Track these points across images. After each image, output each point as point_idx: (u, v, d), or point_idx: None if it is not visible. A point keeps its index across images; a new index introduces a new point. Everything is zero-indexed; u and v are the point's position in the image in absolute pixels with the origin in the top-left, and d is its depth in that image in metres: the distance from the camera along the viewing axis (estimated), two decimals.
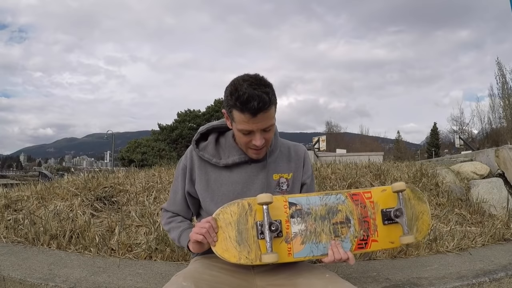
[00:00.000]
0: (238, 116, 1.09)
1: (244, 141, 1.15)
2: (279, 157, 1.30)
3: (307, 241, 1.14)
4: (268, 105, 1.07)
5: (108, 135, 29.35)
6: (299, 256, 1.12)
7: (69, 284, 1.52)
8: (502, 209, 2.98)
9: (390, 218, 1.19)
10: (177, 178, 1.33)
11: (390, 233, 1.19)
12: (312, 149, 15.98)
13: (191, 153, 1.30)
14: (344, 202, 1.20)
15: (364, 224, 1.19)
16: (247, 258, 1.09)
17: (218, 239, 1.11)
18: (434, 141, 37.41)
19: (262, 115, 1.08)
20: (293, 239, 1.13)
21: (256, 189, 1.23)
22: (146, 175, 3.18)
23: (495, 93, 29.50)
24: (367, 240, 1.18)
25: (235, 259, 1.09)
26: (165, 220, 1.35)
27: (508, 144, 4.01)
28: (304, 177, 1.32)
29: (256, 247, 1.10)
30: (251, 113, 1.06)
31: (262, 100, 1.05)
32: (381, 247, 1.20)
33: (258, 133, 1.11)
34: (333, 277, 1.14)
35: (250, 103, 1.04)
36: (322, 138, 23.13)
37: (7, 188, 3.15)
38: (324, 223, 1.16)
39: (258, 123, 1.09)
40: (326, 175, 3.22)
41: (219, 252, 1.10)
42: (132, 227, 2.29)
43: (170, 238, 1.32)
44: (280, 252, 1.10)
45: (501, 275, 1.71)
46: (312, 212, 1.16)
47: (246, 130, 1.11)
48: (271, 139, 1.19)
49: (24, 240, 2.12)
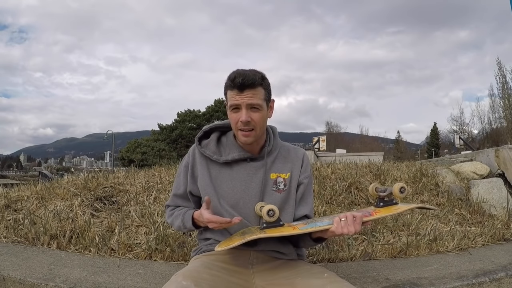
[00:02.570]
0: (229, 93, 1.22)
1: (234, 120, 1.23)
2: (278, 157, 1.33)
3: (310, 222, 1.20)
4: (254, 82, 1.19)
5: (108, 135, 29.35)
6: (305, 228, 1.13)
7: (69, 284, 1.52)
8: (502, 209, 2.98)
9: (383, 200, 1.25)
10: (179, 175, 1.38)
11: (391, 208, 1.24)
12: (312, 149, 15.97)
13: (193, 150, 1.35)
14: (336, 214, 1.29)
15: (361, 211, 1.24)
16: (251, 235, 1.10)
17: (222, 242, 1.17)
18: (434, 141, 37.41)
19: (249, 91, 1.19)
20: (296, 224, 1.19)
21: (254, 187, 1.26)
22: (146, 175, 3.18)
23: (495, 93, 29.52)
24: (371, 213, 1.20)
25: (240, 239, 1.10)
26: (167, 214, 1.38)
27: (508, 144, 4.00)
28: (301, 177, 1.34)
29: (259, 231, 1.14)
30: (238, 87, 1.18)
31: (248, 77, 1.18)
32: (387, 213, 1.22)
33: (244, 108, 1.20)
34: (332, 277, 1.14)
35: (237, 79, 1.18)
36: (322, 138, 23.11)
37: (7, 188, 3.15)
38: (323, 217, 1.24)
39: (244, 97, 1.19)
40: (326, 175, 3.21)
41: (223, 246, 1.12)
42: (132, 227, 2.29)
43: (175, 227, 1.33)
44: (284, 229, 1.14)
45: (501, 275, 1.71)
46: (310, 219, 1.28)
47: (232, 105, 1.21)
48: (258, 123, 1.23)
49: (24, 240, 2.12)
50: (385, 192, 1.24)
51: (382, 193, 1.25)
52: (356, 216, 1.10)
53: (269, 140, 1.33)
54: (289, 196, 1.30)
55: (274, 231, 1.12)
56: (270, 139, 1.33)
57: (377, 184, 1.31)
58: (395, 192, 1.22)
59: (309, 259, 1.94)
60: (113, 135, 28.57)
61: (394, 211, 1.22)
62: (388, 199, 1.25)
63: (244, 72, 1.20)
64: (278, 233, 1.10)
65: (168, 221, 1.38)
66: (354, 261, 1.97)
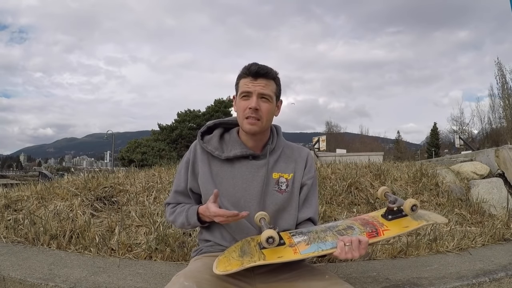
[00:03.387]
0: (242, 81, 1.24)
1: (242, 107, 1.23)
2: (281, 157, 1.31)
3: (313, 242, 1.12)
4: (268, 73, 1.23)
5: (108, 135, 29.34)
6: (307, 252, 1.08)
7: (69, 284, 1.52)
8: (502, 209, 2.98)
9: (391, 212, 1.18)
10: (180, 172, 1.36)
11: (400, 223, 1.17)
12: (312, 149, 15.96)
13: (195, 146, 1.34)
14: (341, 222, 1.23)
15: (368, 225, 1.17)
16: (249, 261, 1.07)
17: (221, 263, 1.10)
18: (434, 141, 37.39)
19: (262, 81, 1.22)
20: (297, 244, 1.12)
21: (256, 185, 1.24)
22: (146, 175, 3.18)
23: (495, 93, 29.49)
24: (377, 231, 1.14)
25: (238, 265, 1.06)
26: (168, 212, 1.35)
27: (508, 144, 4.00)
28: (305, 178, 1.31)
29: (259, 253, 1.09)
30: (253, 75, 1.22)
31: (263, 67, 1.22)
32: (395, 233, 1.15)
33: (255, 96, 1.21)
34: (333, 278, 1.14)
35: (253, 67, 1.22)
36: (322, 138, 23.10)
37: (7, 188, 3.14)
38: (326, 232, 1.16)
39: (257, 85, 1.22)
40: (326, 175, 3.21)
41: (221, 269, 1.06)
42: (132, 227, 2.29)
43: (178, 225, 1.29)
44: (285, 253, 1.08)
45: (501, 275, 1.71)
46: (313, 231, 1.18)
47: (244, 92, 1.23)
48: (266, 114, 1.23)
49: (24, 240, 2.12)
50: (395, 204, 1.17)
51: (391, 204, 1.18)
52: (362, 241, 1.04)
53: (272, 138, 1.32)
54: (291, 198, 1.27)
55: (274, 254, 1.07)
56: (273, 137, 1.32)
57: (388, 189, 1.24)
58: (406, 209, 1.14)
59: (309, 259, 1.94)
60: (113, 135, 28.55)
61: (403, 230, 1.15)
62: (396, 209, 1.18)
63: (260, 64, 1.24)
64: (278, 259, 1.06)
65: (170, 219, 1.33)
66: (354, 261, 1.97)
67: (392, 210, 1.18)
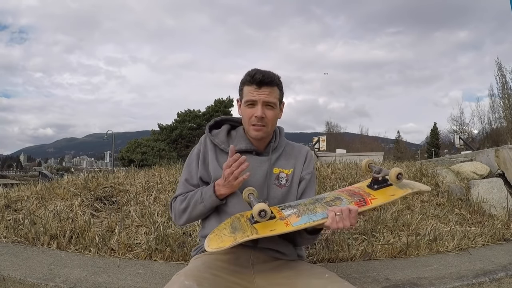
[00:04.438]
0: (247, 89, 1.27)
1: (248, 115, 1.27)
2: (283, 154, 1.37)
3: (303, 214, 1.13)
4: (272, 81, 1.26)
5: (108, 135, 29.35)
6: (298, 224, 1.08)
7: (69, 284, 1.52)
8: (502, 209, 2.98)
9: (377, 182, 1.21)
10: (190, 164, 1.37)
11: (386, 191, 1.19)
12: (312, 149, 15.97)
13: (205, 139, 1.38)
14: (328, 194, 1.26)
15: (355, 196, 1.19)
16: (242, 236, 1.06)
17: (212, 241, 1.09)
18: (434, 141, 37.40)
19: (266, 88, 1.25)
20: (288, 217, 1.13)
21: (258, 179, 1.29)
22: (146, 175, 3.18)
23: (495, 93, 29.50)
24: (365, 200, 1.16)
25: (231, 241, 1.05)
26: (178, 203, 1.31)
27: (508, 144, 4.00)
28: (304, 173, 1.36)
29: (251, 228, 1.08)
30: (257, 83, 1.24)
31: (267, 75, 1.25)
32: (383, 201, 1.17)
33: (260, 104, 1.25)
34: (333, 277, 1.14)
35: (257, 75, 1.24)
36: (322, 138, 23.11)
37: (7, 188, 3.14)
38: (315, 204, 1.18)
39: (262, 94, 1.25)
40: (326, 175, 3.22)
41: (214, 246, 1.05)
42: (132, 227, 2.29)
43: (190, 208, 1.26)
44: (277, 225, 1.08)
45: (501, 275, 1.71)
46: (301, 203, 1.20)
47: (249, 100, 1.26)
48: (271, 121, 1.28)
49: (24, 240, 2.12)
50: (380, 174, 1.20)
51: (376, 174, 1.20)
52: (352, 209, 1.07)
53: (275, 138, 1.38)
54: (290, 192, 1.32)
55: (265, 227, 1.07)
56: (276, 137, 1.38)
57: (371, 160, 1.28)
58: (391, 177, 1.16)
59: (309, 259, 1.94)
60: (113, 135, 28.56)
61: (390, 198, 1.17)
62: (381, 179, 1.20)
63: (264, 70, 1.27)
64: (270, 232, 1.07)
65: (181, 208, 1.28)
66: (354, 261, 1.97)
67: (377, 180, 1.21)
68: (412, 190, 1.20)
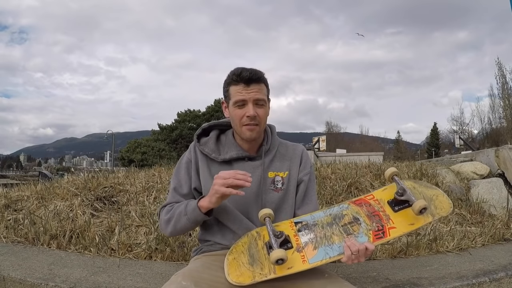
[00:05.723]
0: (234, 89, 1.22)
1: (239, 116, 1.22)
2: (276, 156, 1.32)
3: (319, 245, 1.11)
4: (259, 78, 1.22)
5: (108, 135, 29.34)
6: (315, 261, 1.08)
7: (69, 284, 1.52)
8: (502, 209, 2.98)
9: (398, 202, 1.15)
10: (178, 173, 1.32)
11: (407, 217, 1.14)
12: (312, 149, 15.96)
13: (194, 147, 1.33)
14: (347, 207, 1.20)
15: (374, 218, 1.15)
16: (261, 274, 1.07)
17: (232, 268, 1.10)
18: (434, 141, 37.40)
19: (255, 86, 1.21)
20: (305, 247, 1.11)
21: (253, 186, 1.24)
22: (146, 175, 3.18)
23: (495, 93, 29.50)
24: (383, 229, 1.12)
25: (250, 279, 1.06)
26: (163, 214, 1.27)
27: (508, 144, 4.00)
28: (301, 174, 1.33)
29: (269, 263, 1.08)
30: (245, 82, 1.20)
31: (254, 72, 1.21)
32: (402, 232, 1.13)
33: (251, 103, 1.21)
34: (332, 277, 1.14)
35: (244, 73, 1.20)
36: (322, 138, 23.11)
37: (7, 188, 3.15)
38: (332, 227, 1.15)
39: (251, 92, 1.20)
40: (326, 175, 3.21)
41: (234, 279, 1.07)
42: (132, 227, 2.29)
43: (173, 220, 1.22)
44: (294, 262, 1.07)
45: (501, 275, 1.71)
46: (318, 222, 1.17)
47: (239, 100, 1.21)
48: (263, 119, 1.24)
49: (24, 240, 2.12)
50: (402, 197, 1.14)
51: (399, 196, 1.14)
52: (369, 249, 1.04)
53: (267, 139, 1.33)
54: (287, 195, 1.28)
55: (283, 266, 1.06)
56: (268, 138, 1.33)
57: (396, 172, 1.18)
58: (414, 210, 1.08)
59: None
60: (113, 135, 28.55)
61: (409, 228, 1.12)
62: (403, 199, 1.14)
63: (249, 68, 1.22)
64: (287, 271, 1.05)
65: (164, 218, 1.25)
66: None
67: (398, 201, 1.15)
68: (433, 218, 1.14)
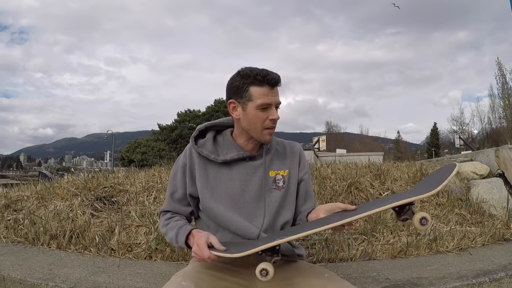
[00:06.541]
0: (257, 90, 1.18)
1: (261, 119, 1.20)
2: (275, 155, 1.33)
3: None
4: (280, 81, 1.21)
5: (108, 135, 29.34)
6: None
7: (69, 284, 1.52)
8: (502, 209, 2.98)
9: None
10: (175, 176, 1.32)
11: None
12: (312, 149, 15.95)
13: (190, 150, 1.30)
14: None
15: None
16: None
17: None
18: (434, 141, 37.40)
19: (277, 90, 1.21)
20: None
21: (254, 186, 1.25)
22: (146, 175, 3.18)
23: (495, 93, 29.52)
24: None
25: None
26: (162, 222, 1.30)
27: (508, 144, 4.00)
28: (301, 173, 1.35)
29: None
30: (270, 84, 1.18)
31: (277, 75, 1.20)
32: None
33: (274, 107, 1.21)
34: (333, 277, 1.14)
35: (269, 75, 1.18)
36: (322, 138, 23.11)
37: (7, 188, 3.15)
38: None
39: (275, 95, 1.20)
40: (326, 175, 3.21)
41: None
42: (132, 227, 2.29)
43: (168, 239, 1.26)
44: None
45: (501, 275, 1.71)
46: None
47: (265, 104, 1.19)
48: None
49: (24, 240, 2.12)
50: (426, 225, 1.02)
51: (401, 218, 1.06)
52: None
53: None
54: (288, 193, 1.30)
55: None
56: None
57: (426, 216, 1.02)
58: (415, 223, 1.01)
59: (309, 259, 1.94)
60: (113, 135, 28.56)
61: None
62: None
63: (268, 70, 1.21)
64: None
65: (162, 230, 1.28)
66: (354, 261, 1.97)
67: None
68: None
